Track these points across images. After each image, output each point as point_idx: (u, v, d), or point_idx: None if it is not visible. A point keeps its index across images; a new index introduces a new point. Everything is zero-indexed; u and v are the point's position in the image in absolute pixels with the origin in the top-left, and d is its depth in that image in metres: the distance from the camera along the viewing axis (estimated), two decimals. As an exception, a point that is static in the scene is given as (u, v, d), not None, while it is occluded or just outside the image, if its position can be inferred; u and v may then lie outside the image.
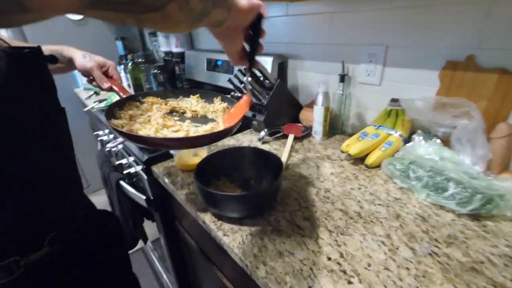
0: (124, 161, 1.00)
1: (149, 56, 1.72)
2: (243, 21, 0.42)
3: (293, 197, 0.65)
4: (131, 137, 0.50)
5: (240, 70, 0.89)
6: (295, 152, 0.86)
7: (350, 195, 0.65)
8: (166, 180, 0.75)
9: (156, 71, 1.60)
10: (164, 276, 1.30)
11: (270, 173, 0.67)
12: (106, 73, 0.72)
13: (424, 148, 0.68)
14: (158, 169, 0.81)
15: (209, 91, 0.72)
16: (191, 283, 1.08)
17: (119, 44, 1.95)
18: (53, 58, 0.53)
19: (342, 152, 0.79)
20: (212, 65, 1.38)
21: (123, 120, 0.58)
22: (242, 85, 0.88)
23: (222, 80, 1.32)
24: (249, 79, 0.85)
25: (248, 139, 0.97)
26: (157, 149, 0.86)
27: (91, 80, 0.73)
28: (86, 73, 0.70)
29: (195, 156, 0.80)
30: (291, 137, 0.90)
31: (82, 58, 0.69)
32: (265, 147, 0.91)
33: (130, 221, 1.04)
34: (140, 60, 1.69)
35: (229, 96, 0.68)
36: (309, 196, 0.65)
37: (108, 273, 0.66)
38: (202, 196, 0.61)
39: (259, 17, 0.45)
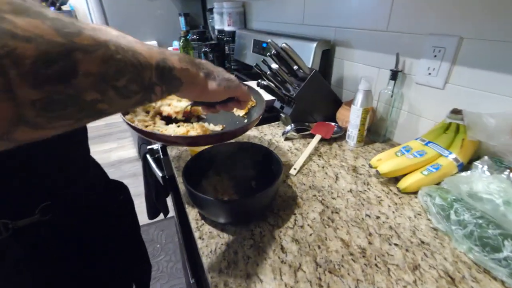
0: (152, 136, 1.03)
1: (203, 33, 1.72)
2: (206, 99, 0.40)
3: (291, 210, 0.56)
4: (137, 130, 0.49)
5: (270, 55, 0.79)
6: (317, 156, 0.75)
7: (362, 223, 0.52)
8: (173, 164, 0.74)
9: (206, 49, 1.60)
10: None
11: (274, 178, 0.58)
12: None
13: (484, 183, 0.49)
14: (171, 151, 0.80)
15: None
16: (198, 266, 1.09)
17: (182, 20, 2.01)
18: None
19: (371, 167, 0.64)
20: (258, 47, 1.30)
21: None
22: (268, 72, 0.79)
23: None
24: (276, 66, 0.76)
25: (272, 132, 0.89)
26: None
27: None
28: None
29: (207, 145, 0.76)
30: (316, 138, 0.78)
31: None
32: (286, 144, 0.81)
33: (153, 193, 1.09)
34: (194, 37, 1.71)
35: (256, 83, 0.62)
36: (310, 214, 0.55)
37: (113, 245, 0.69)
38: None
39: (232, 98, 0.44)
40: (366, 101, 0.72)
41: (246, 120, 0.66)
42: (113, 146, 2.68)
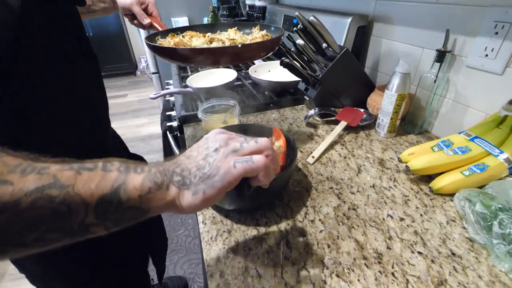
0: (173, 113, 1.02)
1: (233, 9, 1.65)
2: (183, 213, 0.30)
3: (303, 202, 0.51)
4: (161, 50, 0.52)
5: (296, 30, 0.72)
6: (340, 145, 0.68)
7: (382, 224, 0.46)
8: (187, 143, 0.72)
9: (235, 26, 1.53)
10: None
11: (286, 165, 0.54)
12: (146, 11, 0.71)
13: (543, 192, 0.40)
14: (187, 129, 0.78)
15: (246, 23, 0.71)
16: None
17: (213, -5, 1.94)
18: None
19: (401, 161, 0.57)
20: (288, 23, 1.21)
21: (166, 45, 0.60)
22: (293, 49, 0.71)
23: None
24: (302, 42, 0.69)
25: (294, 116, 0.83)
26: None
27: (132, 19, 0.72)
28: (127, 10, 0.70)
29: (223, 124, 0.73)
30: (341, 124, 0.71)
31: None
32: (308, 130, 0.75)
33: (172, 170, 1.11)
34: (224, 12, 1.65)
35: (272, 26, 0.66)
36: (324, 208, 0.50)
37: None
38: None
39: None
40: (403, 86, 0.63)
41: None
42: (144, 122, 2.78)
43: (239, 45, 0.49)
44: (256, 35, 0.65)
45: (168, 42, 0.62)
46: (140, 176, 0.25)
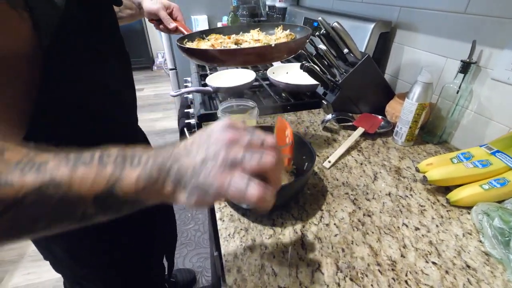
0: (191, 110, 1.05)
1: (253, 9, 1.66)
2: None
3: (319, 205, 0.52)
4: (192, 52, 0.54)
5: (319, 35, 0.72)
6: (356, 151, 0.68)
7: (397, 232, 0.47)
8: (205, 141, 0.74)
9: (255, 26, 1.54)
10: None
11: (304, 169, 0.55)
12: (170, 15, 0.73)
13: None
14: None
15: (268, 23, 0.71)
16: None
17: (234, -6, 1.95)
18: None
19: (418, 171, 0.57)
20: (308, 26, 1.21)
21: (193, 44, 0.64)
22: (315, 54, 0.72)
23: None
24: (324, 47, 0.69)
25: (310, 119, 0.83)
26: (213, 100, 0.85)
27: (157, 24, 0.74)
28: (153, 15, 0.72)
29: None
30: (359, 130, 0.71)
31: (149, 0, 0.71)
32: (324, 134, 0.76)
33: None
34: (244, 12, 1.66)
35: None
36: (339, 212, 0.51)
37: (148, 212, 0.73)
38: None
39: None
40: (425, 95, 0.63)
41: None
42: (159, 116, 2.84)
43: (273, 45, 0.50)
44: (280, 35, 0.65)
45: (197, 45, 0.64)
46: (136, 171, 0.25)
